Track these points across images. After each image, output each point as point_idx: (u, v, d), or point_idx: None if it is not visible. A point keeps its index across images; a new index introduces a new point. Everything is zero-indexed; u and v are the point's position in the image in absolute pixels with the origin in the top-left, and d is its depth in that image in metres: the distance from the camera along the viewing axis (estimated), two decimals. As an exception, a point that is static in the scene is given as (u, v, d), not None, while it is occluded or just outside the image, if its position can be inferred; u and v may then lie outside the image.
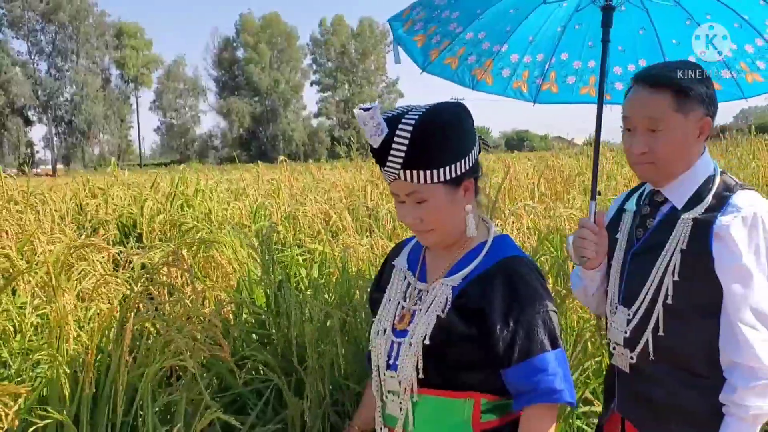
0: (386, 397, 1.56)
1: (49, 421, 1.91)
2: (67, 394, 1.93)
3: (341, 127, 67.43)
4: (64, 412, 1.89)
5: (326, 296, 2.59)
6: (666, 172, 1.63)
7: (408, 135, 1.39)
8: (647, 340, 1.64)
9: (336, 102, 69.16)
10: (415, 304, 1.55)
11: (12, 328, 2.16)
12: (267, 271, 2.48)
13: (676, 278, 1.58)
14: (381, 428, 1.59)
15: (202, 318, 2.34)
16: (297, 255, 3.43)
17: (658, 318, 1.62)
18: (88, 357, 1.91)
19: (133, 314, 1.94)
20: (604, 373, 1.93)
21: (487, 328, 1.44)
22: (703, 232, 1.55)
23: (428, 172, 1.42)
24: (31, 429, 1.86)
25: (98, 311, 2.24)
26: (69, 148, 58.84)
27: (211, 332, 2.16)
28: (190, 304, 2.29)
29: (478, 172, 1.56)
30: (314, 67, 70.69)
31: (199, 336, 2.11)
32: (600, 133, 2.02)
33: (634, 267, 1.70)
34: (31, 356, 2.02)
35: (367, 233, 3.72)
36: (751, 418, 1.50)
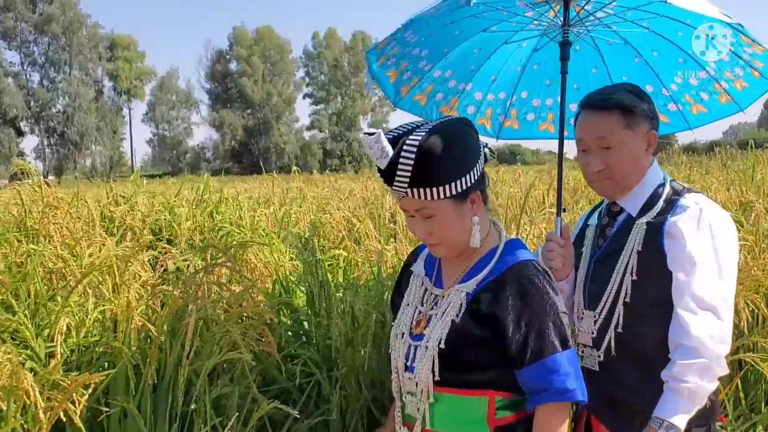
0: (405, 397, 1.63)
1: (115, 410, 2.02)
2: (132, 385, 2.04)
3: (333, 140, 67.50)
4: (130, 402, 2.01)
5: (364, 297, 2.71)
6: (622, 184, 1.79)
7: (413, 156, 1.43)
8: (610, 338, 1.77)
9: (328, 115, 69.23)
10: (432, 309, 1.62)
11: (74, 324, 2.27)
12: (311, 271, 2.60)
13: (635, 278, 1.72)
14: (400, 427, 1.65)
15: (246, 316, 2.46)
16: (323, 260, 3.55)
17: (618, 316, 1.75)
18: (150, 351, 2.03)
19: (194, 310, 2.06)
20: None
21: (501, 332, 1.49)
22: (656, 233, 1.70)
23: (435, 189, 1.47)
24: (99, 418, 1.98)
25: (148, 308, 2.36)
26: (61, 159, 58.51)
27: (258, 329, 2.29)
28: (234, 303, 2.41)
29: (485, 183, 1.61)
30: (307, 80, 70.60)
31: (247, 332, 2.23)
32: (562, 156, 2.20)
33: (596, 272, 1.84)
34: (96, 349, 2.13)
35: (392, 239, 3.85)
36: (687, 392, 1.59)
